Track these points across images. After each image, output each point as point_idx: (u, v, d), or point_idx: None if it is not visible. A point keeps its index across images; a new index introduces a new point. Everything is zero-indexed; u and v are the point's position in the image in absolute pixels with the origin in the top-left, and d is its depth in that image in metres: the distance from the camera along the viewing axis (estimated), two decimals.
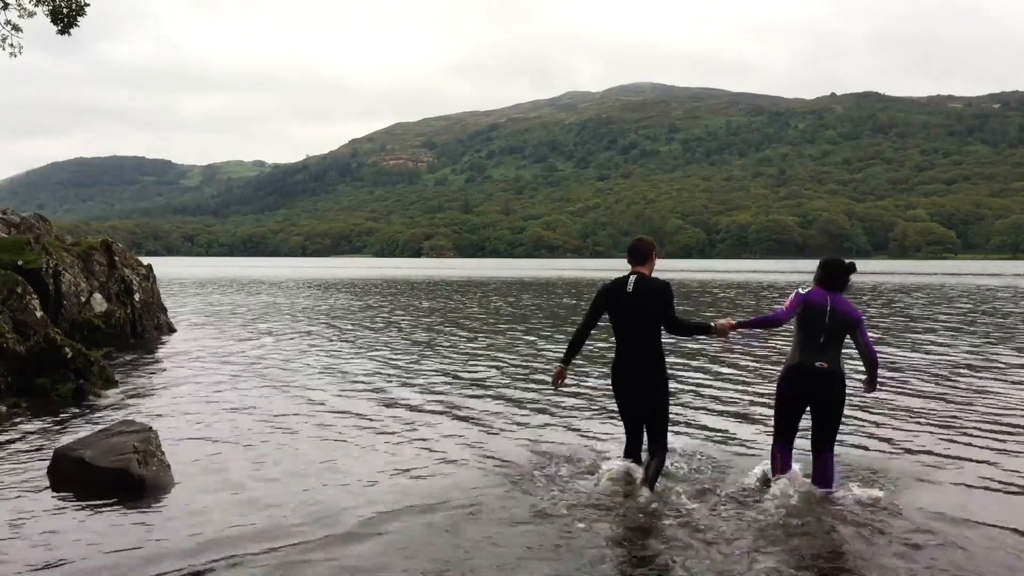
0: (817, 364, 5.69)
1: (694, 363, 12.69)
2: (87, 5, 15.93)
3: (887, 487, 6.03)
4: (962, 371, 11.85)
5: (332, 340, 16.31)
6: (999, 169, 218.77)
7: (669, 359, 6.04)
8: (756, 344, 14.83)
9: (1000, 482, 6.27)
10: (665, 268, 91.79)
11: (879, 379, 6.13)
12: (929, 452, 7.15)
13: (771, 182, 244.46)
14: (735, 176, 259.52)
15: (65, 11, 15.70)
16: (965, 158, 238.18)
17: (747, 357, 13.41)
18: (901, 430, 8.00)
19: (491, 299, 31.10)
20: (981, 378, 11.22)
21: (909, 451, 7.20)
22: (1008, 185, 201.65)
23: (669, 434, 6.09)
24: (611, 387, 6.13)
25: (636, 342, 5.90)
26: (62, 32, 15.87)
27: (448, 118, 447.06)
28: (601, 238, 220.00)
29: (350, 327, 19.20)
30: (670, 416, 6.12)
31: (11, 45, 16.12)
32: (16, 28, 16.08)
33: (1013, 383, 10.81)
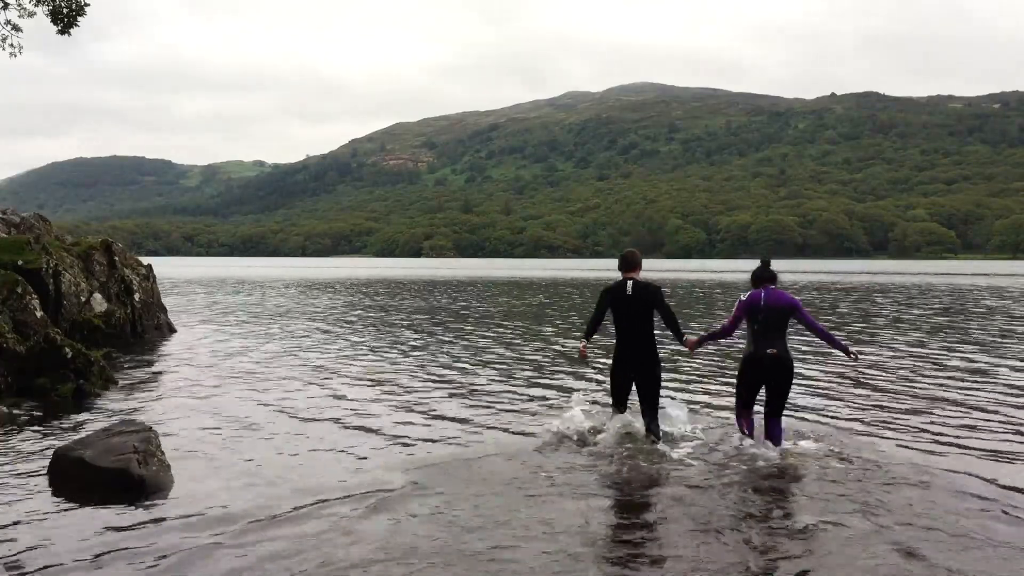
0: (768, 352, 6.85)
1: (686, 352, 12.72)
2: (87, 5, 15.93)
3: (830, 443, 7.33)
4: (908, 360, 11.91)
5: (330, 338, 16.31)
6: (999, 169, 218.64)
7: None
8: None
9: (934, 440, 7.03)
10: (665, 268, 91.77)
11: (847, 345, 7.16)
12: (878, 421, 7.53)
13: (771, 182, 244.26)
14: (735, 176, 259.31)
15: (65, 11, 15.70)
16: (965, 158, 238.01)
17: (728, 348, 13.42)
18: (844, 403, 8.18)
19: (493, 298, 31.11)
20: (930, 368, 11.27)
21: (855, 419, 7.88)
22: (1008, 185, 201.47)
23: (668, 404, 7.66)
24: (611, 368, 7.40)
25: (635, 336, 7.16)
26: (62, 32, 15.87)
27: (448, 118, 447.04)
28: (601, 238, 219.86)
29: (347, 325, 19.20)
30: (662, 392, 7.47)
31: (11, 45, 16.12)
32: (16, 28, 16.08)
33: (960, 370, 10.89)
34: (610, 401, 7.64)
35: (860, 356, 7.87)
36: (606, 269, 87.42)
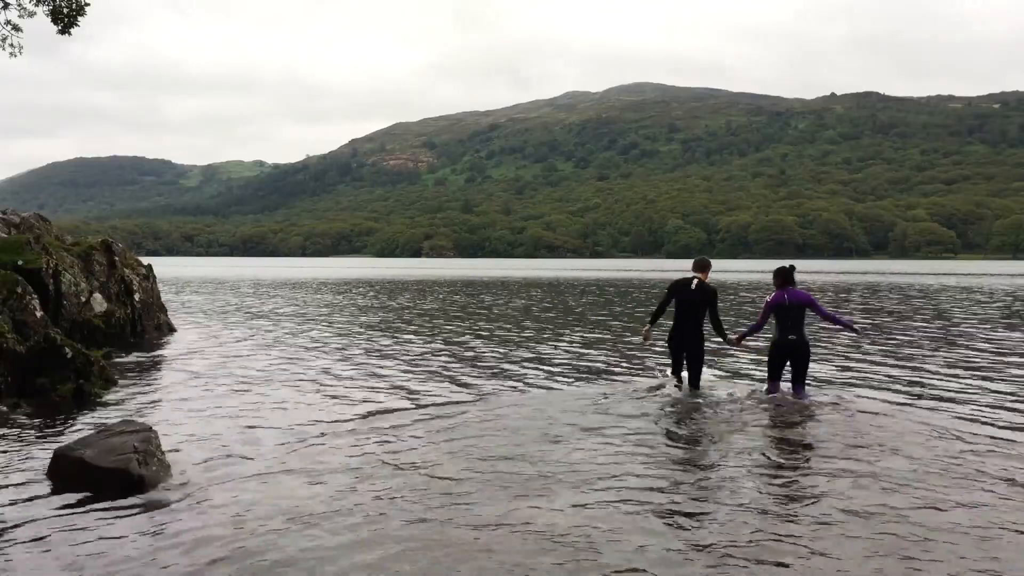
0: (790, 338, 9.02)
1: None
2: (87, 5, 15.92)
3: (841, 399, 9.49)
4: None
5: (327, 337, 16.30)
6: (999, 169, 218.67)
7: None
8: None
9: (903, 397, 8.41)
10: (667, 268, 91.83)
11: (852, 323, 9.73)
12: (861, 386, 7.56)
13: (771, 182, 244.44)
14: (735, 176, 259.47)
15: (65, 11, 15.71)
16: (965, 158, 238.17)
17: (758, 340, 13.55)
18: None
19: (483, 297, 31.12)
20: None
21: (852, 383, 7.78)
22: (1008, 185, 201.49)
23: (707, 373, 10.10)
24: (668, 345, 9.81)
25: (690, 323, 9.39)
26: (62, 32, 15.87)
27: (448, 118, 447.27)
28: (601, 238, 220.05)
29: (342, 324, 19.19)
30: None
31: (11, 45, 16.13)
32: (16, 28, 16.09)
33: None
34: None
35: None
36: (606, 269, 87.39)
